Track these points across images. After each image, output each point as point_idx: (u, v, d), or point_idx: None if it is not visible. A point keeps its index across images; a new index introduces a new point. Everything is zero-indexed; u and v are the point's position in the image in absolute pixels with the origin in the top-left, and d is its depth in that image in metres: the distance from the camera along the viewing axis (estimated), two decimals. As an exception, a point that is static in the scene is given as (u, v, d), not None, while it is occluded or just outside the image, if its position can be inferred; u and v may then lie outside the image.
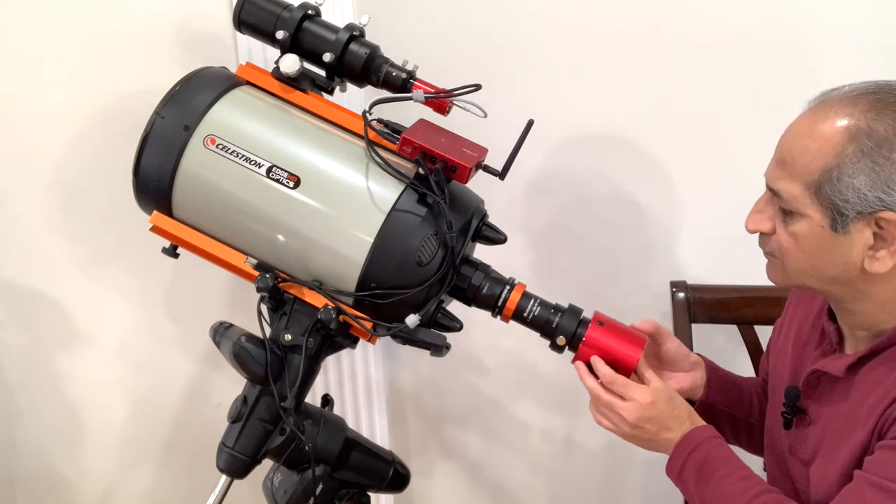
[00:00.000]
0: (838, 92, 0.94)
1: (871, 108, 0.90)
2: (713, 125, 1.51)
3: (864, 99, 0.91)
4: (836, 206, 0.90)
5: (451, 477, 1.81)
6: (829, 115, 0.92)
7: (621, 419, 1.05)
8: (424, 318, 1.07)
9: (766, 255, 1.02)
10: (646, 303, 1.61)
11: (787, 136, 0.96)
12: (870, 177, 0.88)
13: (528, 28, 1.49)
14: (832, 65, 1.43)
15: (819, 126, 0.92)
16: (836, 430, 1.00)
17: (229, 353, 1.07)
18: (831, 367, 1.01)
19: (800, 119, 0.96)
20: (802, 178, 0.92)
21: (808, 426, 1.05)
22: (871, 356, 0.97)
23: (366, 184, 1.07)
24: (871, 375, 0.97)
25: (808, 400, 1.06)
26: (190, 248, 1.11)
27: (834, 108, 0.92)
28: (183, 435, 1.71)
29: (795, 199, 0.93)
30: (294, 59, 1.12)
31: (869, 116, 0.89)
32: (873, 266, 0.92)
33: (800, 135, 0.94)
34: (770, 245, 1.00)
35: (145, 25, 1.44)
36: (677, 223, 1.58)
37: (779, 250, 0.98)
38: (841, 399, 1.00)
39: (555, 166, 1.56)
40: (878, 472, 0.89)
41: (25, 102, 1.48)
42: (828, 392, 1.03)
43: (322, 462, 1.13)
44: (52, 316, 1.60)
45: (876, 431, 0.93)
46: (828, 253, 0.94)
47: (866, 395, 0.96)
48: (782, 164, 0.95)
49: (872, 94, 0.91)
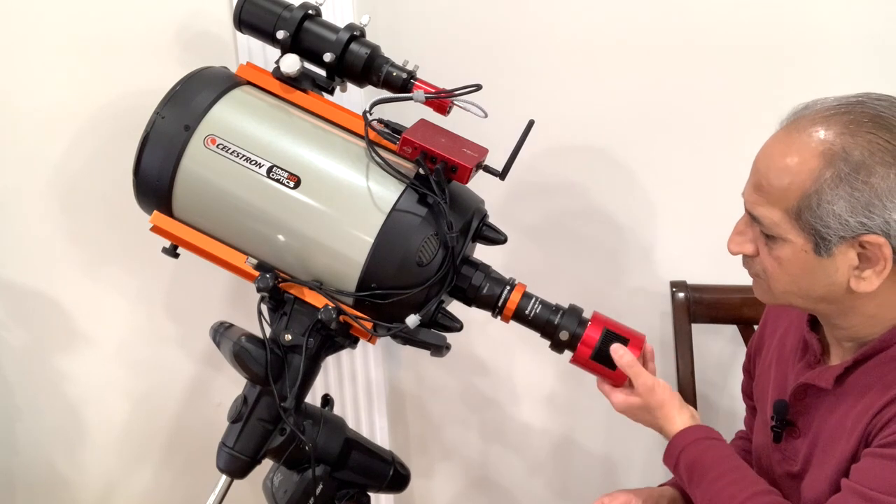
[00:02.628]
0: (810, 111, 0.92)
1: (845, 130, 0.87)
2: (713, 125, 1.51)
3: (837, 120, 0.89)
4: (818, 232, 0.89)
5: (451, 477, 1.81)
6: (804, 137, 0.90)
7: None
8: (424, 318, 1.07)
9: (752, 275, 1.02)
10: (646, 303, 1.61)
11: (762, 160, 0.94)
12: (849, 202, 0.87)
13: (528, 28, 1.49)
14: (828, 65, 1.44)
15: (793, 149, 0.90)
16: (826, 440, 0.99)
17: (229, 353, 1.07)
18: (819, 380, 1.00)
19: (773, 141, 0.94)
20: (781, 204, 0.91)
21: (798, 438, 1.04)
22: (857, 365, 0.97)
23: (366, 184, 1.07)
24: (858, 385, 0.96)
25: (796, 412, 1.05)
26: (190, 248, 1.11)
27: (808, 130, 0.90)
28: (183, 435, 1.70)
29: (776, 224, 0.92)
30: (294, 58, 1.12)
31: (844, 140, 0.87)
32: (860, 286, 0.91)
33: (774, 158, 0.92)
34: (754, 267, 1.00)
35: (145, 25, 1.44)
36: (677, 223, 1.58)
37: (763, 273, 0.97)
38: (829, 410, 1.00)
39: (555, 166, 1.56)
40: (861, 481, 0.89)
41: (25, 102, 1.48)
42: (815, 404, 1.02)
43: (322, 462, 1.13)
44: (52, 316, 1.60)
45: (863, 439, 0.93)
46: (813, 275, 0.93)
47: (853, 404, 0.96)
48: (759, 189, 0.93)
49: (845, 115, 0.89)
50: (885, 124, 0.87)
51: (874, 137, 0.86)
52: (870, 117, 0.88)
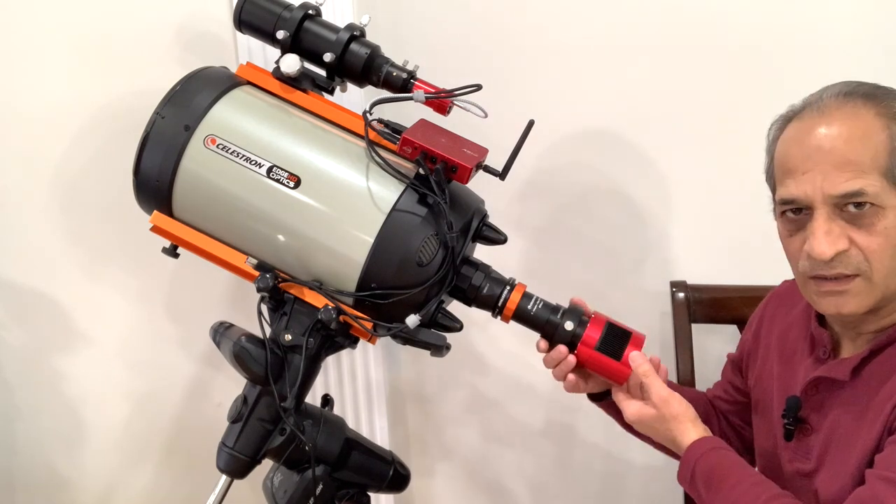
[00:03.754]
0: (828, 97, 0.95)
1: (871, 99, 0.93)
2: (713, 125, 1.51)
3: (858, 95, 0.94)
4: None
5: (451, 477, 1.81)
6: (848, 110, 0.93)
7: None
8: (424, 318, 1.07)
9: (843, 280, 0.94)
10: (646, 303, 1.61)
11: (827, 142, 0.92)
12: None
13: (528, 28, 1.49)
14: (829, 65, 1.44)
15: (850, 123, 0.92)
16: (843, 435, 0.98)
17: (229, 353, 1.07)
18: (836, 373, 1.00)
19: (819, 124, 0.94)
20: (876, 169, 0.91)
21: (810, 435, 1.04)
22: (873, 356, 0.97)
23: (366, 184, 1.07)
24: (876, 375, 0.96)
25: (808, 409, 1.04)
26: (190, 248, 1.11)
27: (844, 107, 0.93)
28: (183, 435, 1.70)
29: (881, 191, 0.91)
30: (294, 58, 1.12)
31: (876, 102, 0.92)
32: None
33: (839, 136, 0.92)
34: (850, 262, 0.93)
35: (145, 25, 1.44)
36: (677, 223, 1.58)
37: (866, 261, 0.92)
38: (844, 403, 0.99)
39: (555, 166, 1.56)
40: (888, 468, 0.88)
41: (25, 102, 1.48)
42: (829, 398, 1.02)
43: (322, 462, 1.13)
44: (52, 316, 1.60)
45: (886, 429, 0.92)
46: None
47: (871, 395, 0.95)
48: (845, 166, 0.91)
49: (860, 90, 0.95)
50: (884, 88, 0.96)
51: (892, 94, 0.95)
52: (871, 88, 0.95)
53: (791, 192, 0.95)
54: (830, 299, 0.96)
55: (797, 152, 0.95)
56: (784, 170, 0.97)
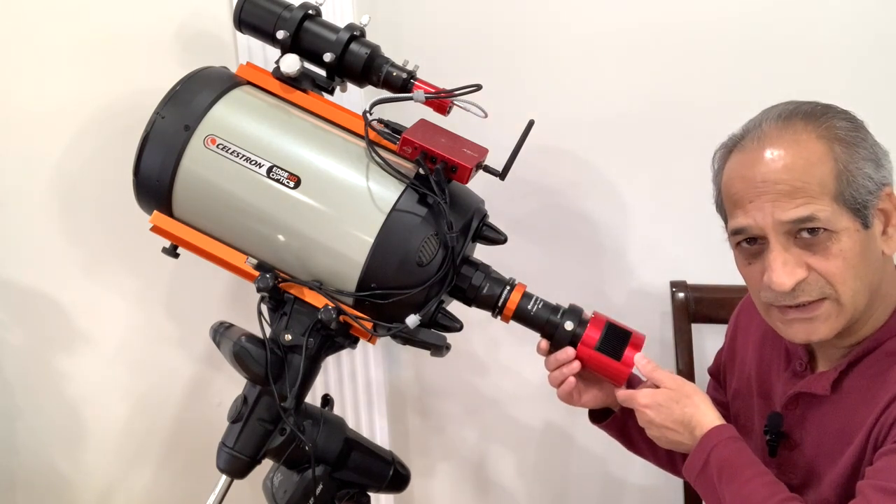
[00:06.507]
0: (767, 123, 0.95)
1: (811, 118, 0.93)
2: (713, 125, 1.49)
3: (798, 116, 0.94)
4: (860, 203, 0.91)
5: (451, 477, 1.81)
6: (788, 137, 0.92)
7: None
8: (424, 318, 1.08)
9: (811, 306, 0.93)
10: (646, 303, 1.61)
11: (773, 172, 0.92)
12: (868, 160, 0.91)
13: (528, 28, 1.49)
14: (829, 65, 1.44)
15: (794, 148, 0.92)
16: (828, 448, 0.98)
17: (229, 353, 1.07)
18: (816, 388, 0.99)
19: (762, 154, 0.93)
20: (825, 194, 0.90)
21: (794, 450, 1.03)
22: (851, 368, 0.96)
23: (366, 184, 1.07)
24: (856, 387, 0.96)
25: (790, 424, 1.04)
26: (190, 248, 1.11)
27: (785, 134, 0.93)
28: (183, 435, 1.70)
29: (833, 215, 0.90)
30: (294, 58, 1.12)
31: (819, 122, 0.93)
32: (889, 245, 0.94)
33: (785, 163, 0.92)
34: (812, 289, 0.92)
35: (145, 25, 1.44)
36: (678, 223, 1.58)
37: (829, 285, 0.92)
38: (826, 416, 0.99)
39: (555, 166, 1.56)
40: (883, 479, 0.87)
41: (25, 102, 1.48)
42: (810, 413, 1.01)
43: (322, 462, 1.13)
44: (52, 316, 1.60)
45: (871, 441, 0.92)
46: (868, 255, 0.92)
47: (853, 408, 0.95)
48: (795, 194, 0.90)
49: (800, 110, 0.94)
50: (822, 106, 0.95)
51: (830, 112, 0.94)
52: (811, 107, 0.95)
53: (741, 223, 0.95)
54: (798, 326, 0.95)
55: (742, 185, 0.95)
56: (732, 201, 0.97)
